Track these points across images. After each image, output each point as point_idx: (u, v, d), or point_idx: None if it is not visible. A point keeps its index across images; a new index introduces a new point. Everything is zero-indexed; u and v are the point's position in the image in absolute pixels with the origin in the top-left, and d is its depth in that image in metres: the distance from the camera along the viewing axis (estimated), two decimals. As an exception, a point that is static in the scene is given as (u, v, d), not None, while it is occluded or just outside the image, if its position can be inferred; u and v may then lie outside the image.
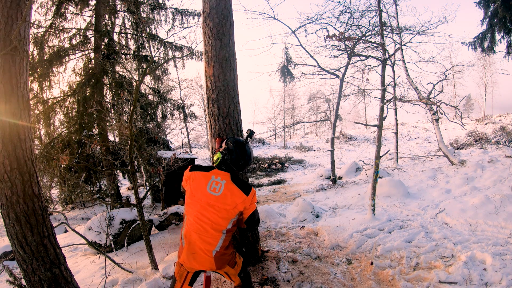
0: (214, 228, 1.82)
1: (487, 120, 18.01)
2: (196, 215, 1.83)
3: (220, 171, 1.90)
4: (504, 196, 4.50)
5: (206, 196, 1.83)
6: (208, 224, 1.81)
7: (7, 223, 2.31)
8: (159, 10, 9.02)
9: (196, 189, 1.86)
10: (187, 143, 21.98)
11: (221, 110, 2.70)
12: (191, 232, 1.84)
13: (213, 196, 1.82)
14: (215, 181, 1.86)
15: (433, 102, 8.04)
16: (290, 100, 30.28)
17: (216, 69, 2.62)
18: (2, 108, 2.22)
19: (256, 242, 3.44)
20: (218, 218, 1.82)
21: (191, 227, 1.85)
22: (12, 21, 2.26)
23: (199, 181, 1.87)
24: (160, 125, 9.93)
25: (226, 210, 1.83)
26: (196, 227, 1.82)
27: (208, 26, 2.62)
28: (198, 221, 1.82)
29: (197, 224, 1.82)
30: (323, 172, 10.97)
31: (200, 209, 1.83)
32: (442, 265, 3.11)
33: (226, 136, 2.81)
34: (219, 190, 1.83)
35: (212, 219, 1.81)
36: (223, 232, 1.84)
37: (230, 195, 1.83)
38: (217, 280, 3.23)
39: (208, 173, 1.89)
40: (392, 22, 8.81)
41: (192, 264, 1.84)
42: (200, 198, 1.83)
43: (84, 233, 4.75)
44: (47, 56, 7.79)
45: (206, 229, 1.81)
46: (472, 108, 32.77)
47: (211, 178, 1.86)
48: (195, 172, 1.91)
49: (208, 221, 1.81)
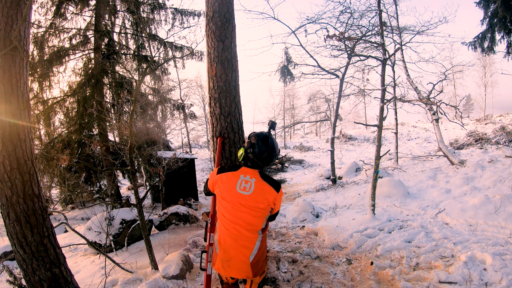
0: (249, 229, 1.74)
1: (487, 120, 18.00)
2: (229, 218, 1.75)
3: (248, 169, 1.82)
4: (504, 196, 4.50)
5: (237, 197, 1.75)
6: (242, 226, 1.73)
7: (7, 223, 2.31)
8: (159, 10, 9.02)
9: (226, 191, 1.78)
10: (187, 143, 21.99)
11: (222, 109, 2.78)
12: (225, 238, 1.75)
13: (244, 195, 1.74)
14: (245, 180, 1.78)
15: (433, 102, 8.04)
16: (290, 100, 30.28)
17: (218, 69, 2.72)
18: (2, 108, 2.22)
19: None
20: (252, 217, 1.74)
21: (224, 232, 1.76)
22: (12, 21, 2.25)
23: (228, 182, 1.79)
24: (160, 125, 9.92)
25: (259, 209, 1.75)
26: (231, 231, 1.74)
27: (211, 29, 2.71)
28: (232, 224, 1.74)
29: (231, 228, 1.74)
30: (323, 172, 10.97)
31: (232, 210, 1.75)
32: (442, 265, 3.11)
33: (227, 134, 2.87)
34: (249, 188, 1.75)
35: (246, 219, 1.74)
36: (259, 233, 1.77)
37: (261, 193, 1.76)
38: (217, 280, 3.23)
39: (237, 172, 1.81)
40: (392, 22, 8.81)
41: (228, 272, 1.77)
42: (231, 200, 1.75)
43: (84, 233, 4.75)
44: (47, 56, 7.79)
45: (241, 231, 1.73)
46: (472, 108, 32.76)
47: (239, 177, 1.79)
48: (223, 174, 1.83)
49: (242, 223, 1.73)
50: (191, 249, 4.42)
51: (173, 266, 3.32)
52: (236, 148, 2.96)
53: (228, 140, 2.86)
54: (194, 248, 4.48)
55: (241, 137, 3.01)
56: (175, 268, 3.30)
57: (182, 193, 8.59)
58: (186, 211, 6.16)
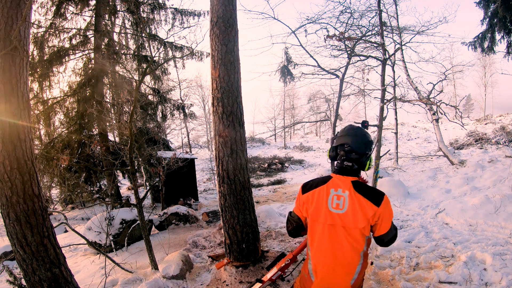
0: (349, 254, 1.47)
1: (487, 120, 17.99)
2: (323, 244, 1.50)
3: (338, 178, 1.52)
4: (504, 196, 4.50)
5: (330, 217, 1.47)
6: (340, 252, 1.47)
7: (7, 223, 2.31)
8: (159, 10, 9.02)
9: (317, 213, 1.49)
10: (187, 143, 21.97)
11: (225, 109, 2.92)
12: (322, 265, 1.50)
13: (338, 214, 1.46)
14: (336, 195, 1.48)
15: (433, 102, 8.04)
16: (290, 100, 30.27)
17: (221, 71, 2.87)
18: (2, 108, 2.22)
19: (257, 240, 3.48)
20: (352, 240, 1.47)
21: (320, 260, 1.51)
22: (12, 21, 2.25)
23: (318, 201, 1.50)
24: (160, 125, 9.92)
25: (358, 229, 1.45)
26: (328, 257, 1.49)
27: (215, 33, 2.90)
28: (330, 248, 1.48)
29: (328, 254, 1.49)
30: (323, 172, 10.97)
31: (327, 234, 1.48)
32: (442, 265, 3.11)
33: (229, 133, 2.96)
34: (343, 205, 1.46)
35: (344, 244, 1.47)
36: (360, 256, 1.50)
37: (357, 209, 1.44)
38: (217, 280, 3.24)
39: (325, 185, 1.51)
40: (392, 22, 8.81)
41: None
42: (323, 222, 1.48)
43: (84, 233, 4.75)
44: (47, 56, 7.78)
45: (340, 258, 1.48)
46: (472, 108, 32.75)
47: (330, 192, 1.49)
48: (309, 193, 1.53)
49: (340, 247, 1.47)
50: (191, 249, 4.42)
51: (173, 266, 3.32)
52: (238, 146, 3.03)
53: (230, 138, 2.93)
54: (194, 248, 4.48)
55: (243, 135, 3.07)
56: (175, 268, 3.30)
57: (182, 193, 8.59)
58: (186, 211, 6.16)
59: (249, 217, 3.34)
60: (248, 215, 3.33)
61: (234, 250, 3.33)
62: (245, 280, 3.10)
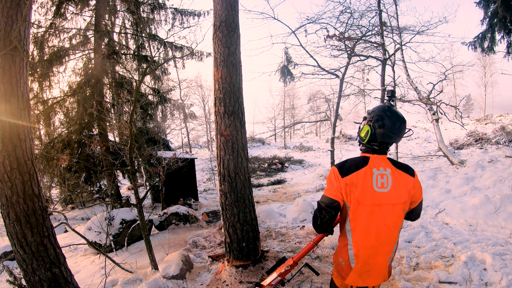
0: (391, 232, 1.49)
1: (487, 120, 17.99)
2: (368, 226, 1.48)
3: (377, 158, 1.51)
4: (504, 196, 4.50)
5: (377, 197, 1.45)
6: (384, 231, 1.48)
7: (7, 223, 2.31)
8: (159, 10, 9.02)
9: (363, 196, 1.45)
10: (187, 143, 21.98)
11: (227, 108, 3.02)
12: (365, 248, 1.50)
13: (384, 193, 1.45)
14: (380, 174, 1.47)
15: (433, 102, 8.04)
16: (290, 100, 30.27)
17: (224, 73, 2.99)
18: (2, 108, 2.22)
19: (257, 239, 3.49)
20: (395, 217, 1.48)
21: (364, 243, 1.50)
22: (12, 21, 2.25)
23: (364, 183, 1.46)
24: (160, 125, 9.92)
25: (401, 204, 1.48)
26: (372, 240, 1.49)
27: (218, 36, 3.03)
28: (375, 230, 1.48)
29: (373, 236, 1.48)
30: (323, 172, 10.98)
31: (373, 215, 1.47)
32: (442, 265, 3.11)
33: (230, 132, 3.04)
34: (387, 184, 1.46)
35: (389, 221, 1.48)
36: (398, 233, 1.53)
37: (401, 184, 1.47)
38: (217, 281, 3.24)
39: (368, 167, 1.48)
40: (392, 22, 8.80)
41: (366, 283, 1.55)
42: (371, 203, 1.46)
43: (84, 233, 4.75)
44: (47, 56, 7.78)
45: (383, 236, 1.48)
46: (472, 108, 32.76)
47: (373, 172, 1.47)
48: (352, 175, 1.47)
49: (385, 226, 1.48)
50: (191, 249, 4.42)
51: (173, 266, 3.32)
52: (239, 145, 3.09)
53: (231, 137, 3.02)
54: (194, 248, 4.48)
55: (244, 135, 3.15)
56: (175, 268, 3.30)
57: (182, 193, 8.60)
58: (186, 211, 6.16)
59: (249, 215, 3.36)
60: (248, 213, 3.35)
61: (234, 248, 3.34)
62: (245, 280, 3.10)
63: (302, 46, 8.59)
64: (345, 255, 1.56)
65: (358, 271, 1.53)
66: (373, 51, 8.75)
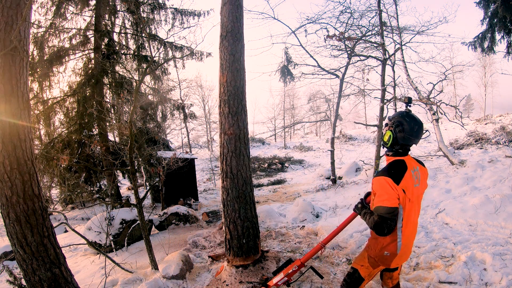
0: (418, 216, 1.82)
1: (487, 120, 17.98)
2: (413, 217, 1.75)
3: (408, 159, 1.79)
4: (504, 196, 4.50)
5: (416, 193, 1.73)
6: (417, 217, 1.80)
7: (7, 223, 2.31)
8: (159, 10, 9.02)
9: (411, 194, 1.71)
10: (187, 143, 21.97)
11: (231, 109, 3.26)
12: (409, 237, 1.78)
13: (418, 188, 1.75)
14: (414, 172, 1.75)
15: (433, 102, 8.03)
16: (290, 100, 30.25)
17: (229, 77, 3.24)
18: (2, 108, 2.22)
19: (257, 237, 3.54)
20: (420, 204, 1.81)
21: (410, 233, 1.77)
22: (12, 21, 2.25)
23: (410, 184, 1.70)
24: (160, 125, 9.92)
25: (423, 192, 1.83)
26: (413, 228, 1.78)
27: (224, 45, 3.31)
28: (415, 220, 1.78)
29: (413, 225, 1.77)
30: (323, 172, 10.97)
31: (414, 208, 1.74)
32: (442, 265, 3.11)
33: (234, 131, 3.26)
34: (419, 179, 1.76)
35: (419, 209, 1.80)
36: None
37: (425, 177, 1.81)
38: (217, 281, 3.24)
39: (408, 170, 1.72)
40: (392, 22, 8.79)
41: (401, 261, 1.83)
42: (415, 199, 1.74)
43: (84, 233, 4.75)
44: (47, 56, 7.78)
45: (417, 222, 1.81)
46: (472, 108, 32.74)
47: (411, 173, 1.73)
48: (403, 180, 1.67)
49: (418, 213, 1.80)
50: (191, 249, 4.42)
51: (173, 266, 3.33)
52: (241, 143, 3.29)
53: (234, 136, 3.24)
54: (194, 248, 4.48)
55: (246, 134, 3.36)
56: (175, 268, 3.30)
57: (182, 193, 8.59)
58: (186, 211, 6.16)
59: (250, 212, 3.44)
60: (249, 210, 3.43)
61: (234, 245, 3.38)
62: (245, 280, 3.10)
63: (302, 46, 8.60)
64: (392, 248, 1.76)
65: (400, 255, 1.77)
66: (373, 51, 8.74)
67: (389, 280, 1.99)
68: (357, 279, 1.94)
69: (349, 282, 1.97)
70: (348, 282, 1.98)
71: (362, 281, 1.93)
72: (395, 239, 1.74)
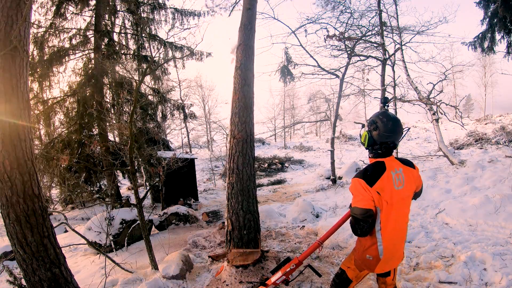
0: (406, 219, 1.77)
1: (487, 120, 17.98)
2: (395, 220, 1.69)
3: (390, 161, 1.72)
4: (504, 196, 4.50)
5: (398, 195, 1.67)
6: (404, 221, 1.75)
7: (7, 223, 2.31)
8: (159, 10, 9.02)
9: (390, 197, 1.65)
10: (187, 143, 21.97)
11: (240, 119, 3.88)
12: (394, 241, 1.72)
13: (401, 190, 1.68)
14: (396, 174, 1.68)
15: (433, 102, 8.03)
16: (290, 100, 30.26)
17: (240, 96, 3.96)
18: (2, 108, 2.22)
19: (257, 231, 3.75)
20: (407, 207, 1.75)
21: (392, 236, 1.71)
22: (12, 21, 2.25)
23: (389, 186, 1.65)
24: (160, 125, 9.92)
25: (411, 194, 1.76)
26: (396, 232, 1.72)
27: (238, 73, 4.08)
28: (398, 224, 1.71)
29: (397, 229, 1.71)
30: (323, 172, 10.97)
31: (397, 211, 1.69)
32: (442, 265, 3.11)
33: (241, 136, 3.79)
34: (402, 181, 1.69)
35: (405, 212, 1.74)
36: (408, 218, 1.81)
37: (410, 178, 1.73)
38: (217, 281, 3.24)
39: (387, 171, 1.67)
40: (392, 22, 8.79)
41: (390, 266, 1.80)
42: (396, 202, 1.67)
43: (84, 233, 4.75)
44: (47, 56, 7.78)
45: (403, 226, 1.75)
46: (472, 108, 32.73)
47: (391, 174, 1.67)
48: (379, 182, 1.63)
49: (405, 217, 1.75)
50: (191, 249, 4.42)
51: (173, 266, 3.33)
52: (248, 146, 3.81)
53: (242, 139, 3.80)
54: (194, 248, 4.48)
55: (252, 139, 3.98)
56: (175, 268, 3.30)
57: (182, 193, 8.59)
58: (186, 211, 6.16)
59: (252, 206, 3.75)
60: (251, 204, 3.76)
61: (235, 236, 3.61)
62: (245, 280, 3.10)
63: (302, 46, 8.60)
64: (373, 252, 1.73)
65: (385, 260, 1.73)
66: (373, 51, 8.75)
67: (383, 285, 1.95)
68: (345, 280, 1.94)
69: (337, 283, 1.98)
70: (336, 282, 1.99)
71: (350, 282, 1.93)
72: (375, 242, 1.72)
